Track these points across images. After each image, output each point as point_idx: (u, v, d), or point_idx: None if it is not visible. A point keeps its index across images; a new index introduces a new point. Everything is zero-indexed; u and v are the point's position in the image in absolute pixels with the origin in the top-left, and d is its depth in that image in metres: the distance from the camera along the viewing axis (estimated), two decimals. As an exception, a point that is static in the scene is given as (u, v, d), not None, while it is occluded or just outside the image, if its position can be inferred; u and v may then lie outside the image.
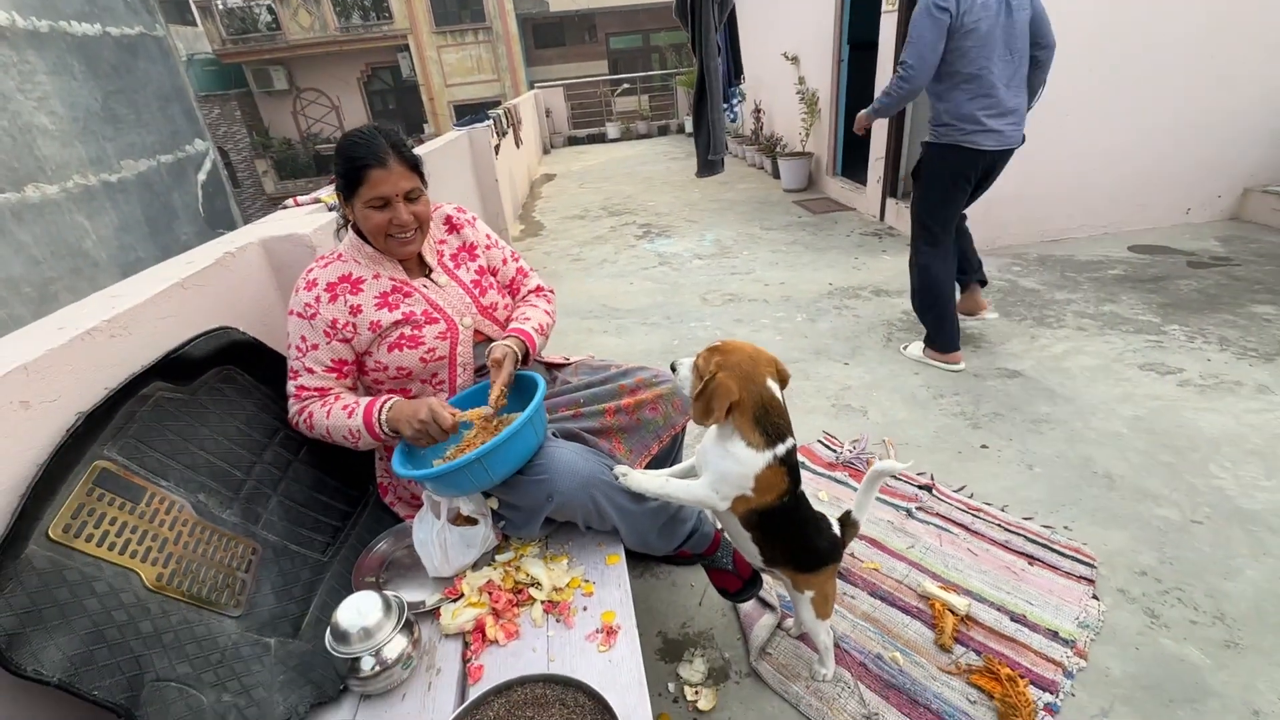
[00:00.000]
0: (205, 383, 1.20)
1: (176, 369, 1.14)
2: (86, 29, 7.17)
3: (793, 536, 1.24)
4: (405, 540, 1.27)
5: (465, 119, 4.89)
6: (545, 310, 1.45)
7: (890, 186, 4.83)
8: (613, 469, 1.21)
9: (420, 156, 1.23)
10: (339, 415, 1.21)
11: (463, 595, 1.11)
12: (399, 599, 1.00)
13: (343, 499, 1.38)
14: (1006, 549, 1.75)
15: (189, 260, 1.37)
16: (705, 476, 1.18)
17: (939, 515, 1.90)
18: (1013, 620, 1.53)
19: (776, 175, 6.68)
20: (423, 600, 1.13)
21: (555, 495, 1.12)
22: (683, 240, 5.00)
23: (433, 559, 1.15)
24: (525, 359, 1.34)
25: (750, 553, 1.27)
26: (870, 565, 1.74)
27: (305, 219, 1.66)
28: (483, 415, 1.20)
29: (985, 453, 2.16)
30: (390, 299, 1.24)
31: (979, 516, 1.88)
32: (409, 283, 1.28)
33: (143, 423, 1.05)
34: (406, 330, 1.24)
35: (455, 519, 1.19)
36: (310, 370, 1.21)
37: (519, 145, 7.25)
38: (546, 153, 11.75)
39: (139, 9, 8.42)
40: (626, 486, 1.20)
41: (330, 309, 1.20)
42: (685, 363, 1.15)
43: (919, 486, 2.02)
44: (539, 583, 1.12)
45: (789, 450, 1.16)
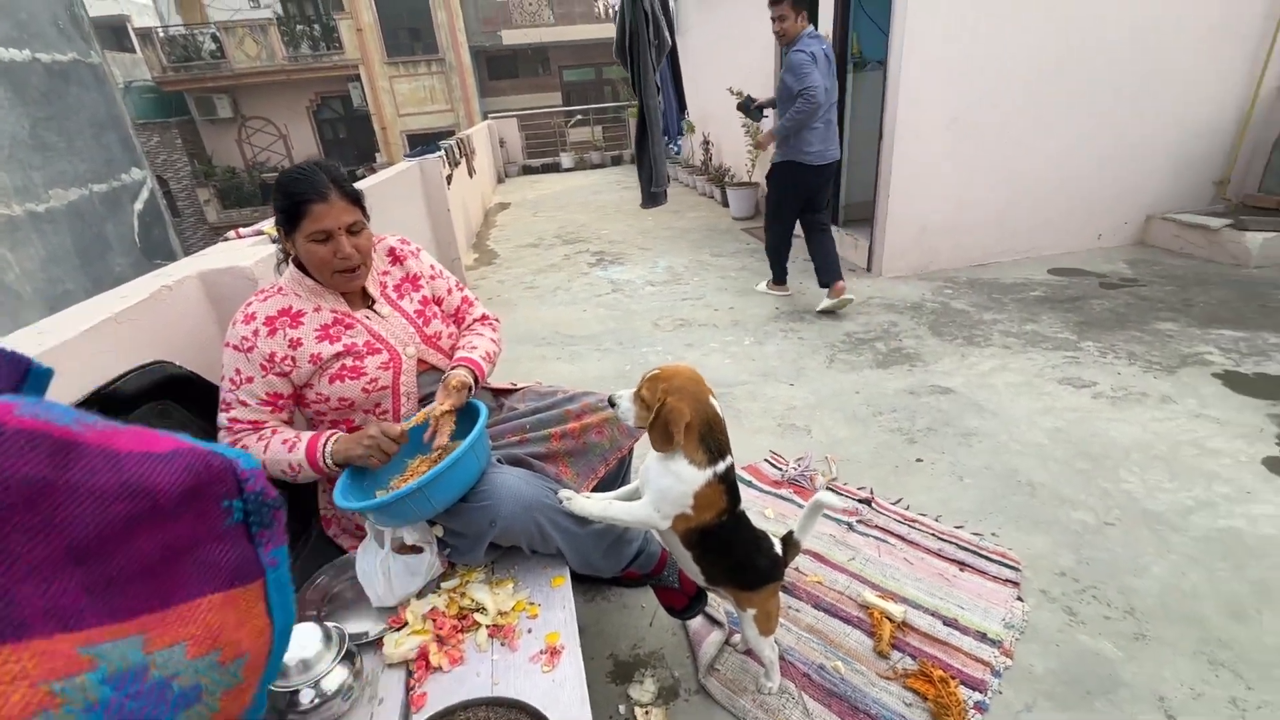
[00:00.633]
0: (139, 418, 1.18)
1: (108, 405, 1.12)
2: (14, 55, 6.90)
3: (733, 555, 1.29)
4: (349, 572, 1.26)
5: (417, 149, 4.91)
6: (491, 339, 1.49)
7: (832, 214, 5.05)
8: (557, 493, 1.24)
9: (361, 191, 1.26)
10: (278, 449, 1.21)
11: (406, 624, 1.11)
12: (340, 630, 1.00)
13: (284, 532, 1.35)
14: (939, 556, 1.85)
15: (123, 294, 1.35)
16: (647, 495, 1.23)
17: (878, 527, 1.98)
18: (945, 624, 1.62)
19: (726, 204, 6.90)
20: (366, 631, 1.12)
21: (498, 521, 1.14)
22: (635, 267, 5.10)
23: (376, 589, 1.15)
24: (474, 386, 1.36)
25: (693, 571, 1.31)
26: (814, 579, 1.80)
27: (246, 251, 1.65)
28: (430, 415, 1.23)
29: (920, 466, 2.28)
30: (331, 331, 1.26)
31: (914, 527, 1.97)
32: (351, 314, 1.30)
33: (70, 461, 1.03)
34: (348, 361, 1.25)
35: (400, 548, 1.19)
36: (244, 403, 1.21)
37: (472, 175, 7.29)
38: (501, 181, 11.82)
39: (73, 35, 8.16)
40: (570, 510, 1.23)
41: (268, 343, 1.20)
42: (624, 395, 1.19)
43: (859, 500, 2.10)
44: (484, 608, 1.14)
45: (728, 467, 1.22)
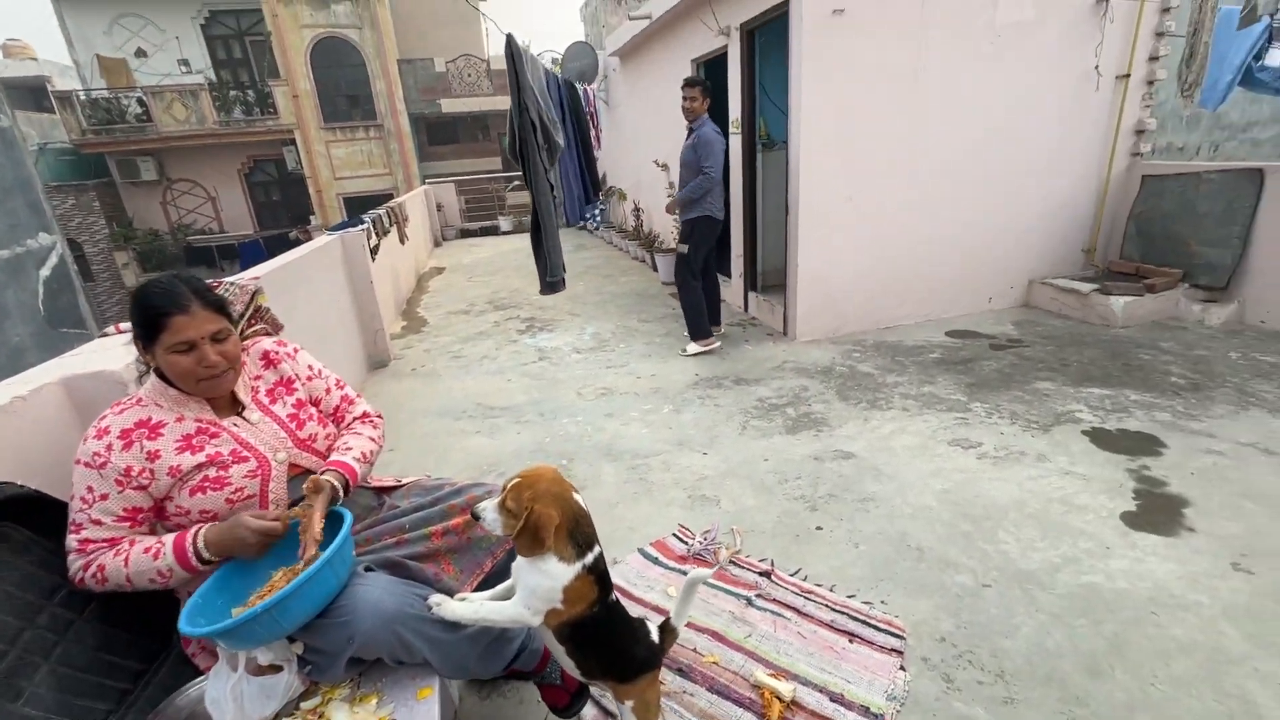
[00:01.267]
0: (-30, 545, 1.12)
1: (-68, 535, 1.07)
2: (-89, 119, 6.61)
3: (607, 646, 1.30)
4: (202, 698, 1.20)
5: (338, 224, 4.91)
6: (370, 437, 1.49)
7: (750, 281, 5.32)
8: (427, 599, 1.24)
9: (225, 299, 1.28)
10: (141, 560, 1.17)
11: (256, 754, 1.07)
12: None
13: (137, 655, 1.29)
14: (831, 629, 1.90)
15: (-31, 409, 1.29)
16: (518, 594, 1.24)
17: (776, 601, 2.03)
18: (832, 700, 1.66)
19: (655, 269, 7.15)
20: (211, 765, 1.07)
21: (356, 637, 1.13)
22: (564, 334, 5.17)
23: (225, 717, 1.10)
24: (346, 490, 1.36)
25: (569, 665, 1.32)
26: (710, 659, 1.82)
27: (117, 352, 1.61)
28: (300, 513, 1.23)
29: (820, 534, 2.36)
30: (194, 441, 1.24)
31: (810, 598, 2.03)
32: (217, 422, 1.29)
33: (-124, 602, 0.97)
34: (211, 472, 1.23)
35: (256, 670, 1.15)
36: (97, 522, 1.17)
37: (404, 241, 7.30)
38: (438, 245, 11.85)
39: (-19, 100, 7.88)
40: (440, 616, 1.23)
41: (123, 457, 1.18)
42: (488, 506, 1.21)
43: (760, 573, 2.16)
44: (341, 729, 1.10)
45: (596, 558, 1.25)
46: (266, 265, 3.12)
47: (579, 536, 1.22)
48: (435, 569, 1.38)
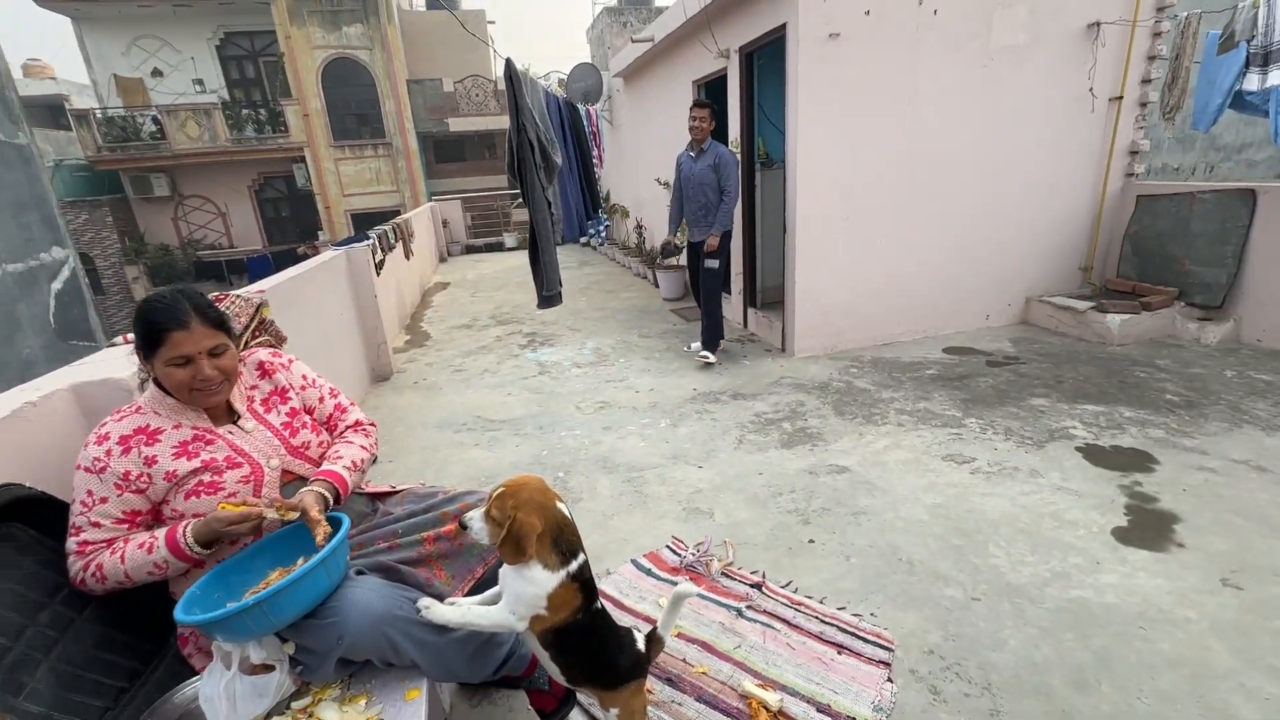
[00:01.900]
0: (-23, 544, 1.16)
1: (-59, 533, 1.11)
2: (-65, 137, 6.78)
3: (591, 653, 1.33)
4: (196, 697, 1.23)
5: (343, 240, 5.01)
6: (362, 445, 1.53)
7: (749, 298, 5.38)
8: (416, 602, 1.27)
9: (226, 315, 1.33)
10: (136, 555, 1.21)
11: (246, 751, 1.10)
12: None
13: (134, 655, 1.32)
14: (820, 640, 1.92)
15: (-19, 412, 1.34)
16: (504, 599, 1.27)
17: (766, 613, 2.05)
18: (819, 711, 1.67)
19: (657, 285, 7.22)
20: (202, 761, 1.10)
21: (345, 637, 1.16)
22: (565, 349, 5.23)
23: (218, 714, 1.13)
24: (337, 499, 1.40)
25: (554, 671, 1.34)
26: (700, 669, 1.83)
27: (124, 361, 1.67)
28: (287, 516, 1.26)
29: (812, 547, 2.38)
30: (190, 447, 1.29)
31: (800, 610, 2.04)
32: (212, 430, 1.33)
33: (-113, 596, 1.01)
34: (205, 477, 1.28)
35: (249, 668, 1.18)
36: (97, 524, 1.21)
37: (409, 257, 7.40)
38: (443, 260, 11.98)
39: (0, 117, 8.08)
40: (429, 619, 1.26)
41: (122, 462, 1.22)
42: (475, 516, 1.25)
43: (751, 585, 2.17)
44: (329, 728, 1.13)
45: (580, 565, 1.28)
46: (273, 279, 3.19)
47: (562, 545, 1.26)
48: (427, 574, 1.41)
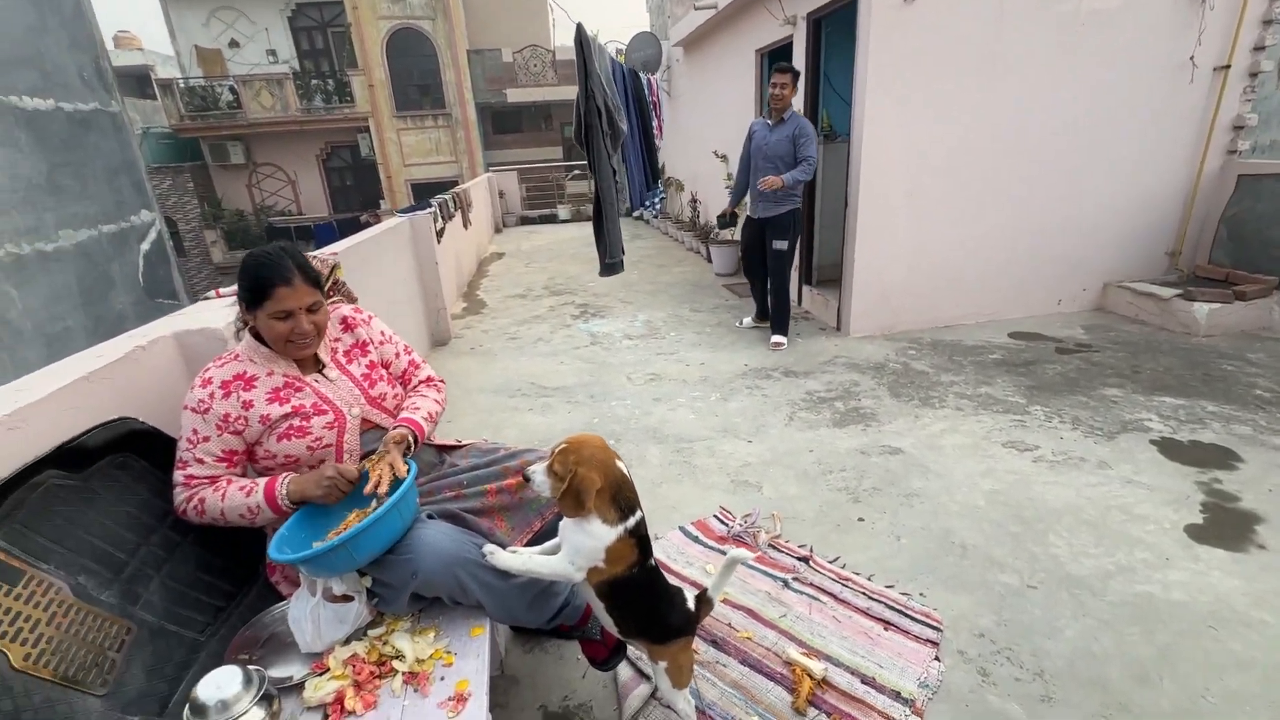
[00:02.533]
0: (99, 469, 1.29)
1: (71, 458, 1.24)
2: (38, 104, 7.27)
3: (644, 608, 1.38)
4: (284, 618, 1.35)
5: (406, 207, 5.16)
6: (435, 399, 1.61)
7: (805, 275, 5.27)
8: (482, 548, 1.35)
9: (321, 273, 1.41)
10: (235, 496, 1.32)
11: (329, 669, 1.20)
12: (260, 672, 1.09)
13: (229, 579, 1.45)
14: (867, 615, 1.92)
15: (98, 353, 1.48)
16: (564, 550, 1.33)
17: (813, 585, 2.06)
18: (863, 683, 1.68)
19: (710, 260, 7.15)
20: (290, 675, 1.20)
21: (419, 573, 1.24)
22: (616, 321, 5.27)
23: (305, 635, 1.23)
24: (415, 443, 1.48)
25: (608, 622, 1.40)
26: (744, 634, 1.87)
27: (221, 312, 1.80)
28: (371, 466, 1.35)
29: (861, 525, 2.37)
30: (282, 394, 1.39)
31: (847, 585, 2.05)
32: (301, 378, 1.43)
33: (30, 509, 1.14)
34: (295, 421, 1.38)
35: (331, 597, 1.28)
36: (200, 460, 1.33)
37: (467, 226, 7.57)
38: (499, 231, 12.18)
39: (95, 86, 8.59)
40: (493, 564, 1.33)
41: (223, 404, 1.33)
42: (538, 469, 1.30)
43: (798, 558, 2.19)
44: (402, 655, 1.22)
45: (638, 522, 1.33)
46: (345, 242, 3.33)
47: (621, 501, 1.30)
48: (489, 523, 1.49)
